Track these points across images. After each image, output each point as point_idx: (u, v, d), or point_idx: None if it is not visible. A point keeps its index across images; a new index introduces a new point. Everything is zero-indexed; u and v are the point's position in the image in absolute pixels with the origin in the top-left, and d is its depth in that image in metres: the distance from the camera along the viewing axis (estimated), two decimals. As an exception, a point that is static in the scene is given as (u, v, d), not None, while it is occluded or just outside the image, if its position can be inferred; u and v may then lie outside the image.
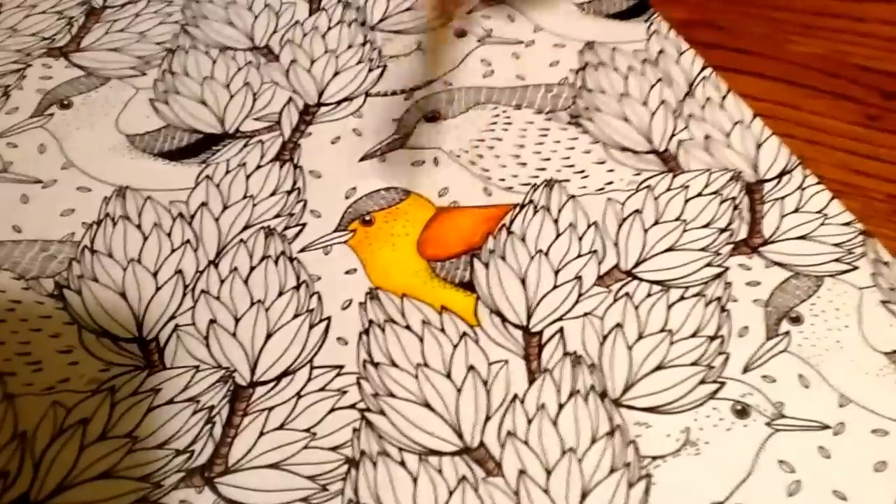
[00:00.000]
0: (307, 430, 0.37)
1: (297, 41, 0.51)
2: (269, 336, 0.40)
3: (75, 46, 0.51)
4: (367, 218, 0.44)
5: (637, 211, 0.44)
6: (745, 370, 0.39)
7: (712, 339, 0.40)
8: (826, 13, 0.52)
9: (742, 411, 0.38)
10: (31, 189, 0.45)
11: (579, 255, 0.42)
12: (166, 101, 0.49)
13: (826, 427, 0.37)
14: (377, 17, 0.53)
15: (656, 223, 0.43)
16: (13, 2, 0.54)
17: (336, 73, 0.50)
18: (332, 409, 0.38)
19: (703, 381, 0.38)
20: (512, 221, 0.43)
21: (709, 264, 0.42)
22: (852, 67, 0.49)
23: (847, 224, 0.43)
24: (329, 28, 0.52)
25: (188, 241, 0.43)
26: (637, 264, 0.42)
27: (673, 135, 0.47)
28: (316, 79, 0.50)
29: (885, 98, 0.48)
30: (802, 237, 0.43)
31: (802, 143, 0.46)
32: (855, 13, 0.52)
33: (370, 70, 0.50)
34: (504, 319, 0.40)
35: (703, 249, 0.42)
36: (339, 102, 0.49)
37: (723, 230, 0.43)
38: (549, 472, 0.36)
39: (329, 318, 0.40)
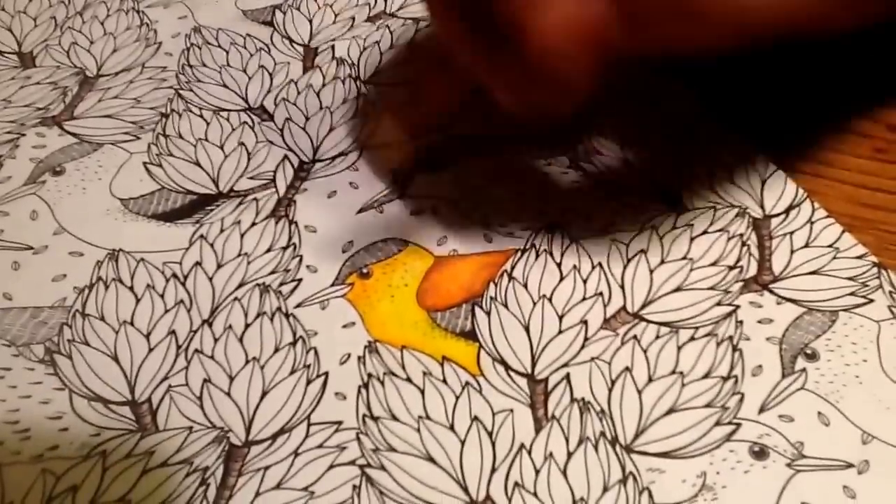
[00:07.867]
0: (305, 489, 0.36)
1: (291, 99, 0.51)
2: (264, 394, 0.38)
3: (69, 115, 0.51)
4: (365, 271, 0.43)
5: (642, 251, 0.42)
6: (762, 410, 0.37)
7: (725, 379, 0.38)
8: (827, 47, 0.51)
9: (760, 453, 0.36)
10: (23, 256, 0.44)
11: (584, 299, 0.41)
12: (160, 163, 0.48)
13: (850, 465, 0.35)
14: (370, 71, 0.52)
15: (662, 262, 0.42)
16: (7, 74, 0.53)
17: (331, 129, 0.49)
18: (331, 466, 0.36)
19: (717, 423, 0.37)
20: (513, 267, 0.42)
21: (718, 303, 0.40)
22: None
23: (860, 257, 0.42)
24: (323, 85, 0.52)
25: (181, 302, 0.42)
26: (644, 306, 0.41)
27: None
28: (311, 135, 0.49)
29: (892, 131, 0.47)
30: (814, 272, 0.41)
31: (809, 177, 0.45)
32: (856, 45, 0.51)
33: (365, 123, 0.49)
34: (508, 367, 0.39)
35: (711, 288, 0.41)
36: (334, 157, 0.48)
37: (731, 268, 0.42)
38: (559, 524, 0.34)
39: (327, 374, 0.39)
